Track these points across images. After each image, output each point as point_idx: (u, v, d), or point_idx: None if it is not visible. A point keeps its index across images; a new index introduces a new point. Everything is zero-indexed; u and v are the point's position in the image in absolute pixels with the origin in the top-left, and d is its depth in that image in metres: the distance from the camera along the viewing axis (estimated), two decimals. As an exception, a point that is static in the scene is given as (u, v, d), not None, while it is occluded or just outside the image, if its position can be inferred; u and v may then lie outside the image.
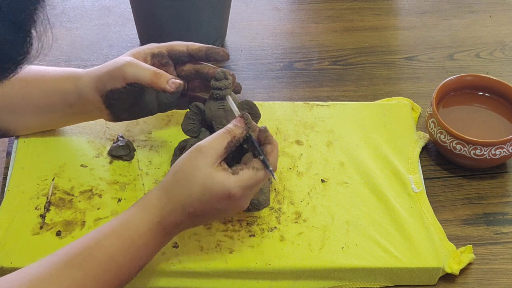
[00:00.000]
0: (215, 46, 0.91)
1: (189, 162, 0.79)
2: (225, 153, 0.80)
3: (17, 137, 0.99)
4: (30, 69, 0.93)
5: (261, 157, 0.80)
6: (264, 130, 0.82)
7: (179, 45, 0.92)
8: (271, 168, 0.80)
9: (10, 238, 0.88)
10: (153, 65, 0.91)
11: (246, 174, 0.79)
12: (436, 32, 1.25)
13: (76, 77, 0.92)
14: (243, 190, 0.79)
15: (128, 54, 0.92)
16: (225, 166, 0.80)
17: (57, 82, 0.92)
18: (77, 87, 0.92)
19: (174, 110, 1.01)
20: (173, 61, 0.93)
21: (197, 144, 0.80)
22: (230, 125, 0.82)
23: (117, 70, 0.89)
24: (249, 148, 0.83)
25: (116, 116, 0.95)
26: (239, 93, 0.94)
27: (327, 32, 1.24)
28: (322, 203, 0.94)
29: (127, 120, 0.97)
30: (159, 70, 0.88)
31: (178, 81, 0.87)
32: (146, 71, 0.88)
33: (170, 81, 0.87)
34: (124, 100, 0.92)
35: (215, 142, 0.80)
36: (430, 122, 1.01)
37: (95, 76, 0.91)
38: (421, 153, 1.02)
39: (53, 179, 0.94)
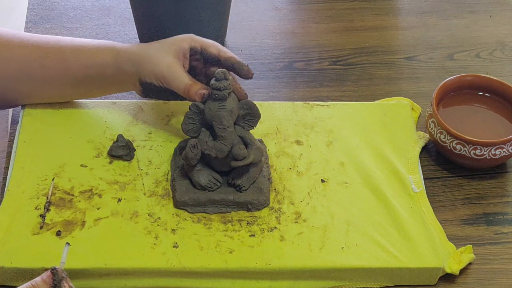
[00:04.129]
0: (243, 62, 0.93)
1: None
2: None
3: (17, 137, 0.99)
4: (66, 41, 0.98)
5: None
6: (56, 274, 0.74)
7: (213, 47, 0.95)
8: None
9: (10, 238, 0.88)
10: (190, 60, 0.95)
11: None
12: (436, 32, 1.25)
13: (115, 51, 0.96)
14: None
15: (168, 50, 0.94)
16: None
17: (95, 54, 0.96)
18: (116, 61, 0.96)
19: (173, 110, 1.01)
20: (203, 59, 0.96)
21: None
22: (38, 279, 0.73)
23: (157, 69, 0.93)
24: None
25: (146, 94, 0.98)
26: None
27: (327, 32, 1.24)
28: (322, 203, 0.94)
29: (157, 99, 1.02)
30: (191, 82, 0.92)
31: (204, 91, 0.91)
32: (181, 83, 0.92)
33: (198, 92, 0.91)
34: (156, 88, 0.96)
35: None
36: (430, 122, 1.01)
37: (136, 59, 0.95)
38: (421, 153, 1.02)
39: (53, 179, 0.94)
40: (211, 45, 0.95)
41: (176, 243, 0.88)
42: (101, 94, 1.02)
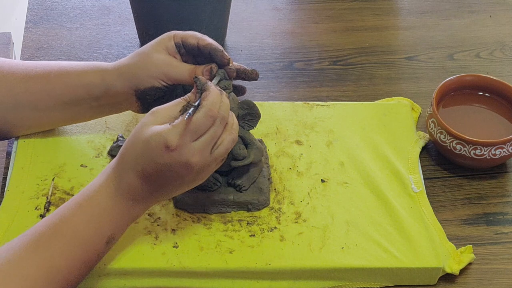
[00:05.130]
0: (218, 47, 0.90)
1: (141, 123, 0.79)
2: (179, 115, 0.79)
3: (17, 137, 0.98)
4: (53, 64, 0.94)
5: (194, 103, 0.79)
6: (197, 79, 0.81)
7: (192, 37, 0.91)
8: (189, 112, 0.77)
9: (10, 238, 0.87)
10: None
11: (179, 121, 0.78)
12: (436, 32, 1.25)
13: (102, 70, 0.92)
14: (180, 138, 0.77)
15: (158, 49, 0.91)
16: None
17: (81, 76, 0.93)
18: (104, 80, 0.92)
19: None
20: (187, 52, 0.93)
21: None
22: (189, 93, 0.82)
23: (156, 69, 0.90)
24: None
25: (145, 108, 0.94)
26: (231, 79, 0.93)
27: (327, 32, 1.24)
28: (322, 203, 0.94)
29: None
30: (194, 67, 0.90)
31: (211, 65, 0.89)
32: (185, 71, 0.90)
33: (205, 70, 0.89)
34: (158, 95, 0.92)
35: (169, 106, 0.80)
36: (430, 122, 1.01)
37: (127, 70, 0.91)
38: (421, 153, 1.02)
39: (53, 179, 0.94)
40: (190, 36, 0.91)
41: (176, 243, 0.88)
42: (93, 117, 0.97)
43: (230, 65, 0.89)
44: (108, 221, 0.80)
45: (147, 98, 0.92)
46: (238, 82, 0.95)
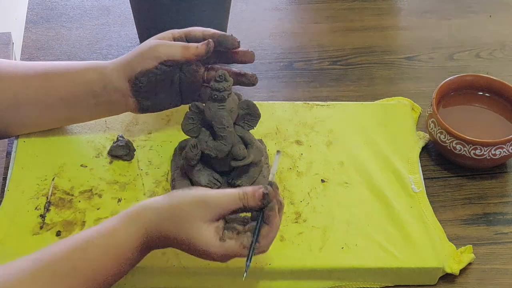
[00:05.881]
0: (227, 34, 0.93)
1: (190, 207, 0.78)
2: (230, 214, 0.80)
3: (17, 137, 0.99)
4: (52, 64, 0.95)
5: (252, 244, 0.78)
6: (266, 195, 0.78)
7: (196, 30, 0.93)
8: (248, 263, 0.78)
9: (10, 238, 0.88)
10: None
11: (232, 246, 0.78)
12: (436, 32, 1.25)
13: (101, 67, 0.94)
14: (222, 257, 0.79)
15: (153, 39, 0.94)
16: (220, 226, 0.79)
17: (80, 73, 0.94)
18: (102, 75, 0.93)
19: (173, 109, 1.01)
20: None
21: (206, 192, 0.79)
22: (250, 191, 0.79)
23: (149, 51, 0.92)
24: (254, 215, 0.81)
25: (141, 104, 0.95)
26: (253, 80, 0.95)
27: (327, 32, 1.24)
28: (322, 203, 0.94)
29: (152, 111, 0.97)
30: (187, 44, 0.91)
31: (205, 43, 0.90)
32: (176, 47, 0.91)
33: (200, 46, 0.90)
34: (152, 84, 0.93)
35: (224, 202, 0.79)
36: (430, 122, 1.01)
37: (123, 61, 0.93)
38: (421, 153, 1.02)
39: (53, 179, 0.94)
40: (193, 30, 0.93)
41: (176, 243, 0.88)
42: (91, 117, 0.98)
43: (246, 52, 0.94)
44: (127, 268, 0.80)
45: (140, 86, 0.92)
46: (237, 87, 0.95)
